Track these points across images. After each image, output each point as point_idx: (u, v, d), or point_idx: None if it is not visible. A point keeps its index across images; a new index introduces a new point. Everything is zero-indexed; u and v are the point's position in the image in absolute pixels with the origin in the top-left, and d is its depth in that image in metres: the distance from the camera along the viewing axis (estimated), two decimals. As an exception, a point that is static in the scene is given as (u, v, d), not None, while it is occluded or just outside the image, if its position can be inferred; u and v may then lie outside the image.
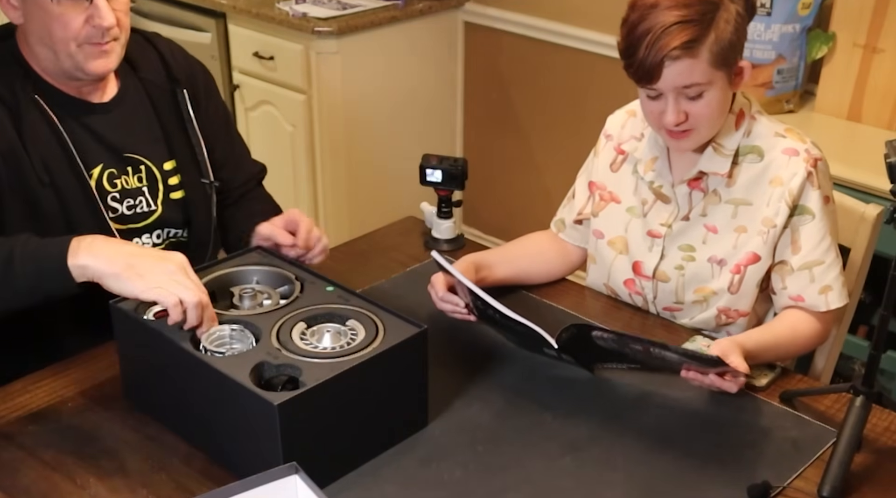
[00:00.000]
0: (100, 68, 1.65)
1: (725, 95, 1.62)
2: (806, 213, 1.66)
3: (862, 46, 2.55)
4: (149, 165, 1.77)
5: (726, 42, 1.55)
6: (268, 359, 1.39)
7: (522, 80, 3.46)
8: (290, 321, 1.48)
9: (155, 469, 1.42)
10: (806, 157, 1.65)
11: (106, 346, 1.62)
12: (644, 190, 1.78)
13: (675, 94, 1.58)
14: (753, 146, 1.68)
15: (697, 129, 1.63)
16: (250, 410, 1.33)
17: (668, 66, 1.55)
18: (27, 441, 1.47)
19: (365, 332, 1.45)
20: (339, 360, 1.38)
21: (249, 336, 1.46)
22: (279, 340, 1.43)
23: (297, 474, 1.16)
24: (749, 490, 1.37)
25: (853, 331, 2.42)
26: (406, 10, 3.27)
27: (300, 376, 1.37)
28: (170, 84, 1.81)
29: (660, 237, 1.76)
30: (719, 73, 1.57)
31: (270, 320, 1.48)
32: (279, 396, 1.31)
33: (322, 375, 1.35)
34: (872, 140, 2.36)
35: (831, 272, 1.68)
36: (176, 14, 3.49)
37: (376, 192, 3.41)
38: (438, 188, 2.03)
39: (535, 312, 1.79)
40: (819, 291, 1.68)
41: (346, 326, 1.48)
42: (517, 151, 3.58)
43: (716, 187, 1.71)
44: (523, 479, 1.41)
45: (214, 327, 1.46)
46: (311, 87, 3.21)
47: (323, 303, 1.52)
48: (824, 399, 1.58)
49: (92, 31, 1.61)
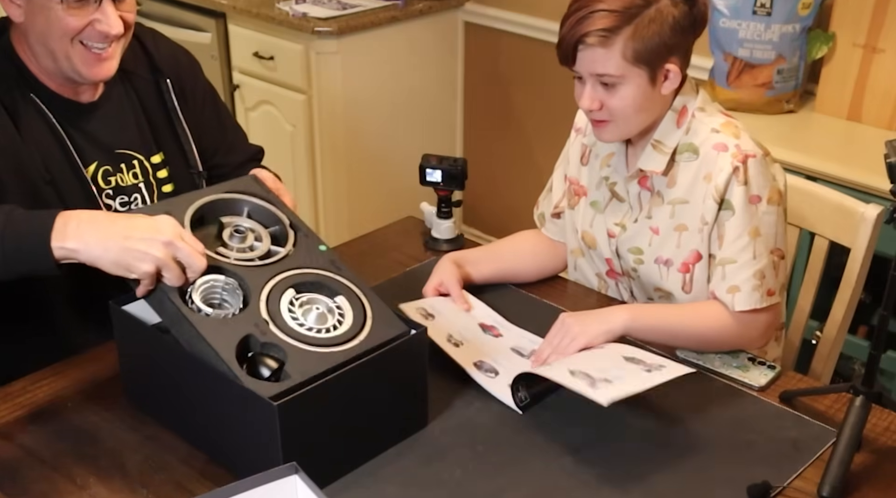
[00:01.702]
0: (99, 75, 1.64)
1: (644, 93, 1.62)
2: (728, 209, 1.65)
3: (862, 46, 2.55)
4: (141, 160, 1.77)
5: (647, 40, 1.56)
6: (255, 332, 1.38)
7: (522, 80, 3.46)
8: (280, 285, 1.45)
9: (155, 469, 1.42)
10: (735, 152, 1.63)
11: (106, 346, 1.62)
12: (604, 186, 1.80)
13: (593, 81, 1.62)
14: (689, 144, 1.68)
15: (614, 121, 1.65)
16: (250, 411, 1.33)
17: (581, 51, 1.59)
18: (27, 441, 1.47)
19: (353, 319, 1.44)
20: (325, 350, 1.38)
21: (239, 294, 1.43)
22: (268, 310, 1.41)
23: (296, 474, 1.16)
24: (749, 490, 1.37)
25: (853, 331, 2.42)
26: (406, 10, 3.27)
27: (285, 361, 1.36)
28: (153, 75, 1.80)
29: (614, 237, 1.78)
30: (637, 70, 1.59)
31: (261, 279, 1.45)
32: (274, 388, 1.31)
33: (310, 368, 1.35)
34: (872, 140, 2.36)
35: (742, 273, 1.65)
36: (176, 14, 3.49)
37: (376, 192, 3.41)
38: (438, 188, 2.03)
39: (525, 307, 1.80)
40: (727, 290, 1.66)
41: (334, 302, 1.46)
42: (517, 151, 3.58)
43: (659, 189, 1.72)
44: (523, 479, 1.41)
45: (207, 277, 1.42)
46: (311, 87, 3.21)
47: (315, 267, 1.50)
48: (824, 399, 1.58)
49: (93, 33, 1.59)
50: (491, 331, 1.72)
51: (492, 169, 3.63)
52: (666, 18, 1.57)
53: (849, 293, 1.88)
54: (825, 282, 1.98)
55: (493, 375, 1.59)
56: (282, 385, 1.32)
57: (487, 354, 1.64)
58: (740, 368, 1.64)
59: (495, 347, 1.67)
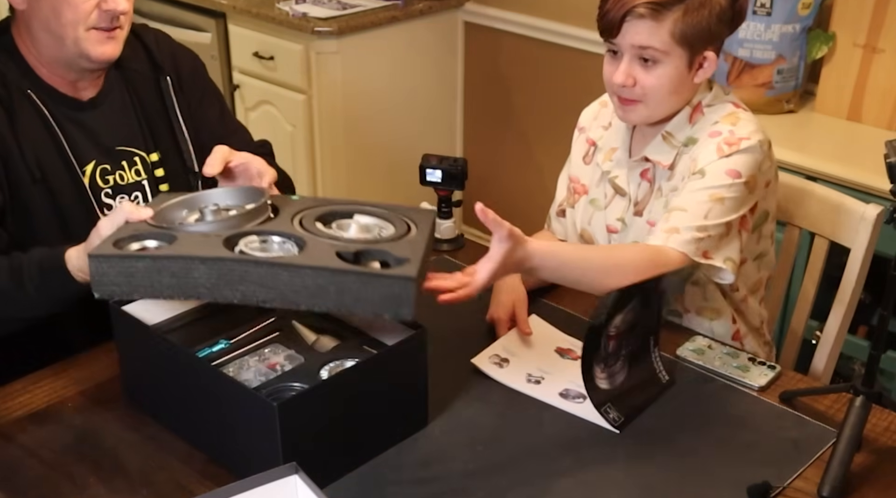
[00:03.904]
0: (106, 54, 1.65)
1: (680, 77, 1.62)
2: (698, 174, 1.63)
3: (862, 46, 2.55)
4: (143, 156, 1.77)
5: (695, 22, 1.57)
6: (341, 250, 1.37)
7: (522, 80, 3.46)
8: (308, 216, 1.45)
9: (155, 469, 1.42)
10: (727, 136, 1.64)
11: (106, 346, 1.62)
12: (605, 182, 1.79)
13: (631, 56, 1.61)
14: (691, 137, 1.69)
15: (644, 101, 1.64)
16: (250, 410, 1.33)
17: (628, 22, 1.58)
18: (27, 441, 1.47)
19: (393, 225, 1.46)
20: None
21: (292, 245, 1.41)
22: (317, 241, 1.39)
23: (296, 474, 1.16)
24: (749, 490, 1.37)
25: (853, 331, 2.42)
26: (406, 10, 3.27)
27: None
28: (153, 72, 1.80)
29: (616, 232, 1.78)
30: (679, 51, 1.59)
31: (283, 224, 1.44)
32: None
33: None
34: (872, 140, 2.36)
35: (687, 221, 1.59)
36: (176, 14, 3.49)
37: (376, 192, 3.41)
38: (438, 188, 2.03)
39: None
40: (665, 230, 1.60)
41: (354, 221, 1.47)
42: (517, 151, 3.58)
43: (660, 183, 1.72)
44: (523, 479, 1.41)
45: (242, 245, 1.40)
46: (311, 87, 3.21)
47: (316, 206, 1.51)
48: (824, 399, 1.58)
49: (102, 15, 1.60)
50: (569, 355, 1.67)
51: (492, 169, 3.63)
52: (714, 6, 1.59)
53: (849, 293, 1.88)
54: (825, 282, 1.98)
55: (582, 400, 1.54)
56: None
57: (572, 381, 1.57)
58: (740, 368, 1.64)
59: (578, 372, 1.50)
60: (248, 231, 1.42)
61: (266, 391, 1.41)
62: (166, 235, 1.39)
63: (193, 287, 1.32)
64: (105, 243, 1.37)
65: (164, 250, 1.35)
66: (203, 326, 1.59)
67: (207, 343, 1.54)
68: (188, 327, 1.59)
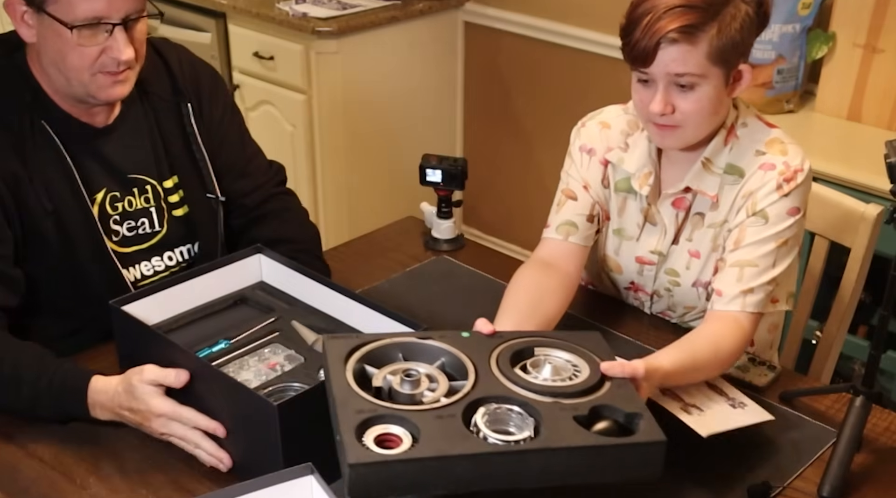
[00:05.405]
0: (114, 96, 1.62)
1: (719, 96, 1.54)
2: (760, 217, 1.58)
3: (862, 46, 2.55)
4: (154, 185, 1.74)
5: (729, 38, 1.49)
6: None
7: (522, 80, 3.46)
8: (503, 358, 1.35)
9: (155, 469, 1.42)
10: (783, 169, 1.58)
11: (106, 346, 1.62)
12: (634, 211, 1.71)
13: (666, 83, 1.51)
14: (734, 166, 1.61)
15: (684, 126, 1.55)
16: (250, 411, 1.33)
17: (663, 49, 1.48)
18: (27, 441, 1.47)
19: (587, 365, 1.35)
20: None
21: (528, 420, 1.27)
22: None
23: (312, 475, 1.16)
24: (749, 490, 1.37)
25: (853, 331, 2.42)
26: (406, 10, 3.27)
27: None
28: (174, 96, 1.77)
29: (651, 264, 1.72)
30: (716, 70, 1.50)
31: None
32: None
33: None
34: (872, 140, 2.36)
35: (761, 278, 1.57)
36: (176, 14, 3.49)
37: (376, 192, 3.41)
38: (438, 188, 2.03)
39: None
40: (741, 291, 1.57)
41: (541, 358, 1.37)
42: (517, 151, 3.58)
43: (701, 210, 1.65)
44: (523, 479, 1.41)
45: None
46: (311, 87, 3.21)
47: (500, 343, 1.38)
48: (824, 399, 1.58)
49: (107, 61, 1.57)
50: None
51: (492, 169, 3.63)
52: (743, 17, 1.50)
53: (849, 293, 1.88)
54: (825, 282, 1.98)
55: None
56: None
57: None
58: (740, 368, 1.64)
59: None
60: (473, 400, 1.28)
61: (266, 391, 1.42)
62: (399, 418, 1.23)
63: (455, 482, 1.20)
64: (348, 436, 1.18)
65: (423, 449, 1.19)
66: (203, 326, 1.59)
67: (207, 343, 1.55)
68: (188, 327, 1.60)
